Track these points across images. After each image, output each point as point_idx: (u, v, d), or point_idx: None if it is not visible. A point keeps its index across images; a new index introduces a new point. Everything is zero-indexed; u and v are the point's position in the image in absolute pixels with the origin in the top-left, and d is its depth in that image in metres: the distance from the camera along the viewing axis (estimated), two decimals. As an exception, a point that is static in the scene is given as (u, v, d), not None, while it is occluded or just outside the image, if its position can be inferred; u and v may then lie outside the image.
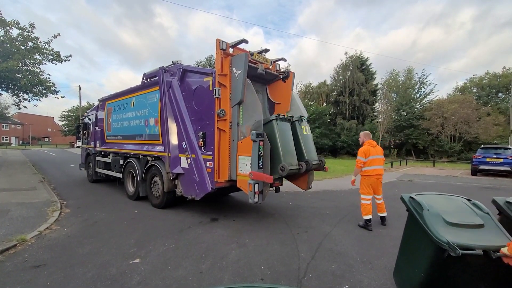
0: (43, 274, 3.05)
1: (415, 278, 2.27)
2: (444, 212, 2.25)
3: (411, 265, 2.38)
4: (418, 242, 2.30)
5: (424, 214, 2.23)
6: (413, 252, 2.40)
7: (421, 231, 2.20)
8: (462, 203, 2.44)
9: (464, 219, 2.20)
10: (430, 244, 2.07)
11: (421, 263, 2.19)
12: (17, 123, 59.36)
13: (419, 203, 2.37)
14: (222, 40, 4.73)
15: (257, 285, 1.24)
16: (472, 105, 25.81)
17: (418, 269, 2.22)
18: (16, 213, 5.24)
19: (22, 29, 13.57)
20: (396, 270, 2.74)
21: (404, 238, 2.61)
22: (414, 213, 2.36)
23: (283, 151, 4.45)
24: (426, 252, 2.13)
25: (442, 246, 1.93)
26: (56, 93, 16.19)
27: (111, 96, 8.38)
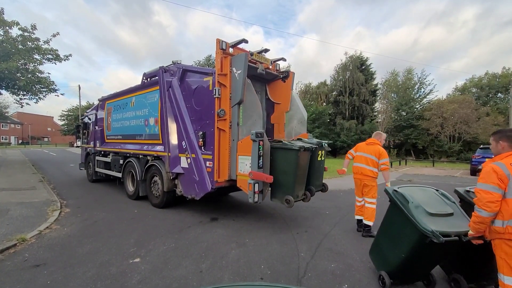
0: (43, 274, 3.06)
1: (394, 257, 2.71)
2: (423, 203, 2.61)
3: (392, 247, 2.79)
4: (401, 228, 2.67)
5: (410, 206, 2.57)
6: (395, 237, 2.78)
7: (405, 220, 2.57)
8: (434, 194, 2.85)
9: (439, 209, 2.61)
10: (414, 232, 2.44)
11: (403, 246, 2.60)
12: (17, 123, 59.29)
13: (403, 195, 2.71)
14: (222, 40, 4.74)
15: (257, 283, 1.25)
16: (471, 105, 25.84)
17: (399, 251, 2.65)
18: (16, 213, 5.24)
19: (23, 30, 13.56)
20: (373, 249, 3.20)
21: (386, 223, 3.01)
22: (399, 204, 2.70)
23: (295, 182, 4.27)
24: (410, 238, 2.51)
25: (427, 234, 2.30)
26: (55, 91, 16.19)
27: (111, 96, 8.38)
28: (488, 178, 2.05)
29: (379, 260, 3.05)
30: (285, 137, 5.94)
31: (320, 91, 34.83)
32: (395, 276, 2.78)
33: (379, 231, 3.14)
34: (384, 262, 2.92)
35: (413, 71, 32.65)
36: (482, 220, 2.06)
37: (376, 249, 3.15)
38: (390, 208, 2.93)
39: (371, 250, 3.27)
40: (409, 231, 2.52)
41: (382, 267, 2.92)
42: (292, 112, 5.91)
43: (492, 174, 2.03)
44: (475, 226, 2.14)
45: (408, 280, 2.92)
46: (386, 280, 2.75)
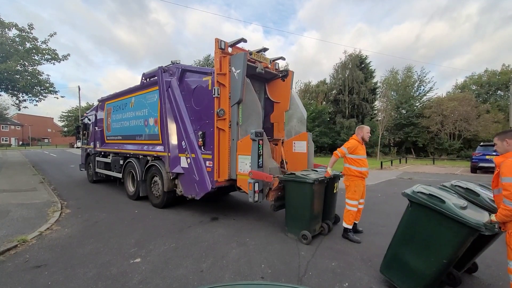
0: (44, 274, 3.06)
1: (431, 267, 2.44)
2: (453, 200, 2.49)
3: (426, 256, 2.50)
4: (437, 232, 2.43)
5: (448, 205, 2.36)
6: (428, 243, 2.49)
7: (442, 221, 2.38)
8: (443, 190, 2.78)
9: (461, 202, 2.49)
10: (461, 229, 2.26)
11: (444, 250, 2.37)
12: (17, 124, 59.32)
13: (435, 195, 2.49)
14: (221, 40, 4.73)
15: (256, 282, 1.25)
16: (471, 102, 25.83)
17: (439, 257, 2.39)
18: (17, 214, 5.25)
19: (21, 30, 13.55)
20: (391, 266, 2.83)
21: (410, 231, 2.68)
22: (433, 205, 2.44)
23: (310, 216, 3.96)
24: (455, 238, 2.31)
25: (480, 228, 2.15)
26: (55, 93, 16.20)
27: (110, 96, 8.37)
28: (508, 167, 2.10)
29: (405, 276, 2.65)
30: (285, 136, 5.95)
31: (319, 89, 34.82)
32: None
33: (396, 243, 2.79)
34: (415, 276, 2.57)
35: (413, 69, 32.65)
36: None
37: (396, 265, 2.76)
38: (414, 213, 2.65)
39: (387, 267, 2.88)
40: (453, 231, 2.32)
41: (414, 283, 2.57)
42: (291, 111, 5.91)
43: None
44: (505, 218, 2.15)
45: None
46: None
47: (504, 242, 2.29)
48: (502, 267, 2.57)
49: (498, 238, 2.69)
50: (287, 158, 5.82)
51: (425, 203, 2.51)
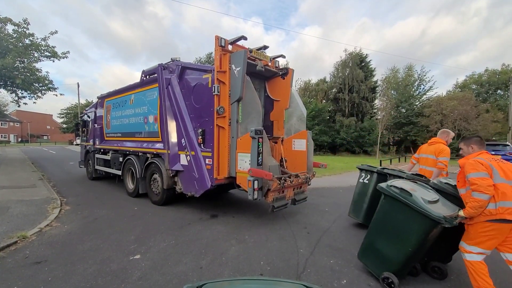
0: (44, 270, 3.08)
1: (399, 254, 2.70)
2: (422, 194, 2.70)
3: (395, 244, 2.75)
4: (406, 222, 2.66)
5: (414, 198, 2.61)
6: (398, 233, 2.74)
7: (410, 212, 2.61)
8: (417, 184, 2.99)
9: (431, 197, 2.72)
10: (424, 221, 2.49)
11: (410, 239, 2.61)
12: (16, 121, 59.16)
13: (403, 189, 2.74)
14: (221, 37, 4.72)
15: (255, 278, 1.26)
16: (471, 102, 25.81)
17: (406, 246, 2.64)
18: (16, 210, 5.26)
19: (17, 25, 13.46)
20: (366, 253, 3.10)
21: (382, 221, 2.93)
22: (402, 198, 2.69)
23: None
24: (420, 229, 2.54)
25: (440, 221, 2.36)
26: (54, 90, 16.14)
27: (110, 93, 8.35)
28: (478, 168, 2.41)
29: (378, 262, 2.92)
30: (284, 134, 5.95)
31: (319, 88, 34.77)
32: (399, 274, 2.72)
33: (371, 232, 3.05)
34: (386, 262, 2.81)
35: (414, 67, 32.60)
36: (483, 204, 2.32)
37: (370, 252, 3.02)
38: (387, 205, 2.89)
39: (363, 255, 3.15)
40: (418, 223, 2.54)
41: (385, 268, 2.80)
42: (291, 109, 5.91)
43: (479, 165, 2.43)
44: (474, 211, 2.37)
45: (404, 275, 2.89)
46: (394, 280, 2.66)
47: None
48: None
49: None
50: (286, 156, 5.83)
51: (395, 196, 2.75)
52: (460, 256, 2.72)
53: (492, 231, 2.37)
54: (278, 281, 1.39)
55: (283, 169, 5.44)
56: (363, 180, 4.74)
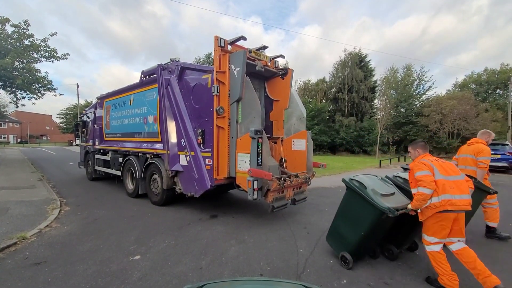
0: (44, 271, 3.08)
1: (354, 237, 3.15)
2: (375, 187, 3.14)
3: (352, 228, 3.20)
4: (361, 210, 3.09)
5: (367, 191, 3.06)
6: (354, 219, 3.19)
7: (363, 202, 3.04)
8: (378, 179, 3.44)
9: (386, 190, 3.18)
10: (373, 210, 2.91)
11: (363, 225, 3.04)
12: (15, 121, 59.09)
13: (360, 182, 3.21)
14: (221, 37, 4.72)
15: (255, 278, 1.26)
16: (470, 101, 25.84)
17: (359, 230, 3.08)
18: (16, 211, 5.25)
19: (17, 26, 13.45)
20: (331, 235, 3.58)
21: (344, 208, 3.40)
22: (358, 190, 3.13)
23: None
24: (370, 217, 2.97)
25: (385, 211, 2.80)
26: (54, 90, 16.13)
27: (109, 94, 8.35)
28: (422, 167, 2.82)
29: (338, 243, 3.40)
30: (284, 135, 5.96)
31: (319, 88, 34.76)
32: (353, 254, 3.20)
33: (336, 218, 3.49)
34: (344, 243, 3.28)
35: (413, 67, 32.61)
36: (426, 197, 2.70)
37: (334, 234, 3.51)
38: (349, 195, 3.33)
39: (328, 236, 3.63)
40: (368, 211, 2.98)
41: (343, 248, 3.28)
42: (291, 109, 5.91)
43: (423, 165, 2.85)
44: (418, 203, 2.76)
45: (361, 256, 3.39)
46: (348, 258, 3.17)
47: None
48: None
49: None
50: (286, 156, 5.83)
51: (354, 188, 3.19)
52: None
53: (441, 221, 2.73)
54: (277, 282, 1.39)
55: (282, 169, 5.44)
56: None
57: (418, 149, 3.17)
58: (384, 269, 3.17)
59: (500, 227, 4.86)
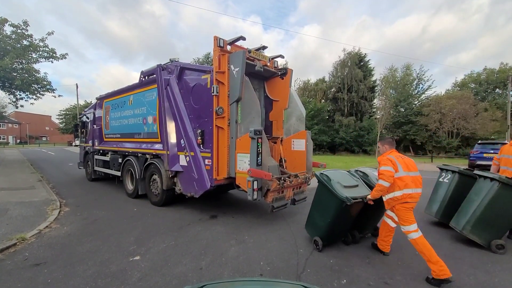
0: (43, 272, 3.07)
1: (324, 224, 3.62)
2: (340, 180, 3.62)
3: (322, 216, 3.68)
4: (328, 200, 3.57)
5: (332, 183, 3.53)
6: (324, 207, 3.67)
7: (330, 193, 3.50)
8: (346, 173, 3.94)
9: (349, 183, 3.66)
10: (336, 200, 3.39)
11: (329, 213, 3.51)
12: (14, 122, 59.00)
13: (327, 175, 3.67)
14: (220, 37, 4.72)
15: (255, 279, 1.26)
16: (469, 100, 25.88)
17: (326, 218, 3.57)
18: (16, 212, 5.24)
19: (16, 26, 13.43)
20: (308, 222, 4.07)
21: (317, 199, 3.84)
22: (325, 182, 3.58)
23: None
24: (334, 205, 3.44)
25: (343, 200, 3.28)
26: (53, 91, 16.11)
27: (109, 94, 8.34)
28: (387, 163, 3.20)
29: (313, 229, 3.89)
30: (284, 135, 5.95)
31: (318, 88, 34.80)
32: (324, 239, 3.66)
33: (311, 207, 3.94)
34: (317, 229, 3.77)
35: (412, 67, 32.64)
36: (383, 189, 3.16)
37: (310, 222, 4.01)
38: (319, 187, 3.74)
39: (306, 224, 4.10)
40: (332, 200, 3.45)
41: (316, 234, 3.76)
42: (290, 109, 5.91)
43: (388, 161, 3.21)
44: (376, 193, 3.23)
45: (333, 241, 3.85)
46: (319, 242, 3.65)
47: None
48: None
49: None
50: (286, 156, 5.83)
51: (322, 181, 3.63)
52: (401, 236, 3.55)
53: (406, 209, 3.16)
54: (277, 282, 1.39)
55: (282, 169, 5.44)
56: (443, 179, 4.95)
57: (386, 145, 3.51)
58: (384, 269, 3.18)
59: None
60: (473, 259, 3.45)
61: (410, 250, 3.70)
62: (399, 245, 3.87)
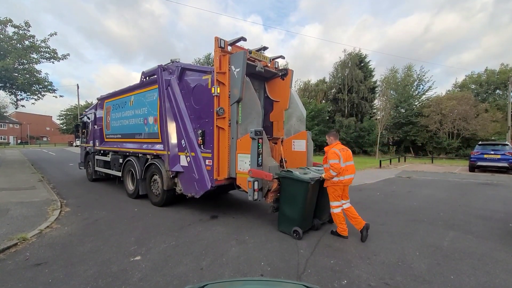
0: (44, 272, 3.08)
1: (296, 213, 4.11)
2: (297, 171, 4.28)
3: (293, 207, 4.14)
4: (295, 189, 4.09)
5: (294, 174, 4.13)
6: (293, 198, 4.13)
7: (295, 181, 4.07)
8: (296, 168, 4.64)
9: (304, 172, 4.38)
10: (302, 184, 3.99)
11: (299, 200, 4.06)
12: (15, 123, 59.12)
13: (288, 170, 4.29)
14: (221, 38, 4.74)
15: (256, 278, 1.27)
16: (470, 101, 25.86)
17: (298, 205, 4.08)
18: (16, 212, 5.25)
19: (17, 27, 13.48)
20: (280, 222, 4.39)
21: (284, 195, 4.26)
22: (289, 175, 4.16)
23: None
24: (302, 190, 4.01)
25: (308, 181, 3.93)
26: (54, 91, 16.15)
27: (110, 95, 8.36)
28: (335, 157, 4.01)
29: (288, 223, 4.21)
30: (284, 135, 5.96)
31: (319, 88, 34.80)
32: (301, 227, 4.08)
33: (280, 207, 4.32)
34: (292, 222, 4.15)
35: (413, 67, 32.62)
36: (332, 176, 4.01)
37: (282, 220, 4.33)
38: (284, 184, 4.22)
39: (279, 225, 4.41)
40: (300, 185, 4.01)
41: (293, 225, 4.12)
42: (291, 110, 5.92)
43: (335, 154, 4.02)
44: (327, 176, 4.07)
45: (306, 228, 4.29)
46: (299, 231, 4.06)
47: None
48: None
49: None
50: (286, 156, 5.84)
51: (285, 176, 4.18)
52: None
53: (337, 191, 4.10)
54: (278, 282, 1.39)
55: (283, 170, 5.44)
56: None
57: (331, 137, 4.30)
58: (385, 269, 3.18)
59: (500, 227, 4.87)
60: (474, 260, 3.45)
61: (411, 251, 3.71)
62: (400, 246, 3.87)
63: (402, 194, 7.81)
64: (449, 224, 4.96)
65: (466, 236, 4.34)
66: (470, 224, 4.96)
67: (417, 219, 5.29)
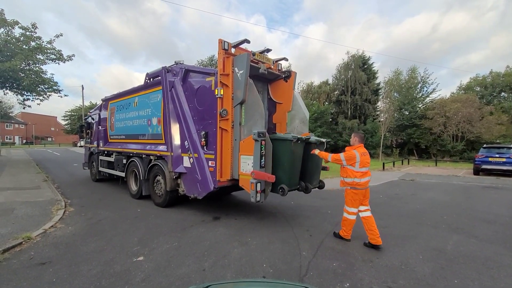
0: (48, 271, 3.11)
1: (281, 170, 4.43)
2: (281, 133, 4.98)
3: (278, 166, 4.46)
4: (282, 149, 4.45)
5: (278, 134, 4.83)
6: (278, 159, 4.44)
7: (281, 141, 4.47)
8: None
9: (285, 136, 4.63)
10: (287, 142, 4.41)
11: (285, 159, 4.46)
12: (21, 123, 59.80)
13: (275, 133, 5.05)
14: (224, 40, 4.76)
15: (259, 280, 1.27)
16: (475, 104, 25.62)
17: (283, 163, 4.45)
18: (21, 212, 5.31)
19: (25, 29, 13.68)
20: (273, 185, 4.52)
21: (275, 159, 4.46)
22: (275, 137, 4.57)
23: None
24: (287, 148, 4.39)
25: (291, 139, 4.37)
26: (59, 92, 16.34)
27: (114, 96, 8.44)
28: (350, 156, 3.90)
29: (277, 183, 4.38)
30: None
31: (322, 90, 34.77)
32: (288, 185, 4.40)
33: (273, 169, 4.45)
34: (278, 180, 4.33)
35: (417, 69, 32.42)
36: (339, 162, 4.00)
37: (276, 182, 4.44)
38: (274, 147, 4.40)
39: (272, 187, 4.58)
40: (283, 146, 4.41)
41: (280, 183, 4.37)
42: (294, 112, 5.92)
43: (352, 155, 3.89)
44: (333, 159, 4.06)
45: (291, 187, 4.56)
46: (284, 187, 4.34)
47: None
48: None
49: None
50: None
51: (273, 138, 4.42)
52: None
53: (358, 195, 3.93)
54: (281, 283, 1.40)
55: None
56: None
57: (356, 137, 4.10)
58: (388, 272, 3.16)
59: (505, 231, 4.82)
60: (478, 264, 3.41)
61: (415, 254, 3.69)
62: (403, 249, 3.85)
63: (406, 197, 7.76)
64: (453, 227, 4.92)
65: (470, 240, 4.30)
66: (474, 228, 4.92)
67: (420, 222, 5.25)
